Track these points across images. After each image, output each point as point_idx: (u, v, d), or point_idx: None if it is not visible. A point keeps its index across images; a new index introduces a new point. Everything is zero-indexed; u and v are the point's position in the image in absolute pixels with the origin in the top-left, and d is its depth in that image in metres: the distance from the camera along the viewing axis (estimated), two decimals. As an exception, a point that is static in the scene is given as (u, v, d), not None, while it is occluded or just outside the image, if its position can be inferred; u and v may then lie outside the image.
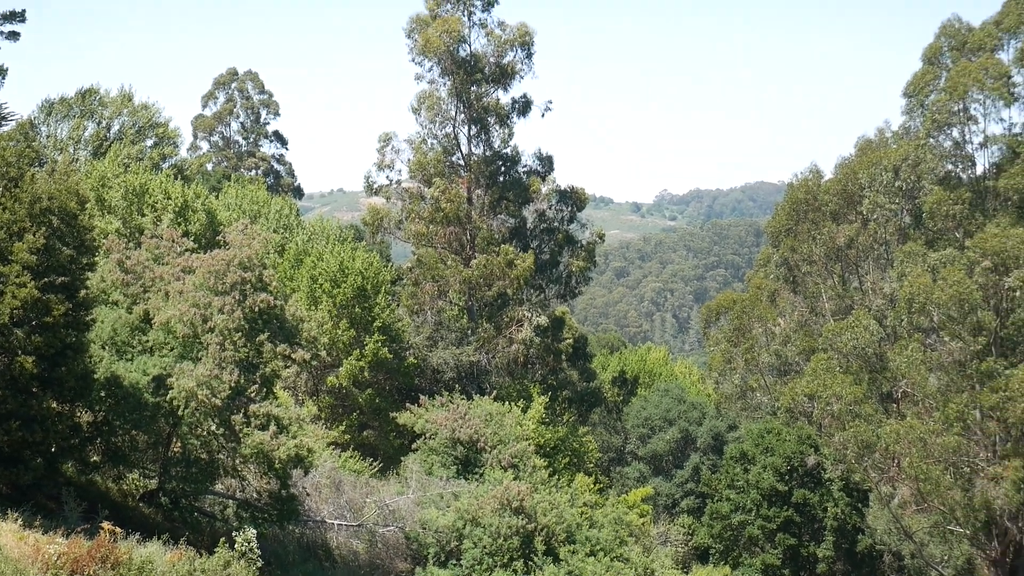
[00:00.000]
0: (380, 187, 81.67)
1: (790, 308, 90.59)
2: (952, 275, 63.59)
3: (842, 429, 67.81)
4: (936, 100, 69.61)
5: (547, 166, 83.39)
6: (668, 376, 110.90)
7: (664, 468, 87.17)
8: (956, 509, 65.81)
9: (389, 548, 52.37)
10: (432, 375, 76.44)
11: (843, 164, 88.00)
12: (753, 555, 70.23)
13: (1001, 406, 62.43)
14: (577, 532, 51.86)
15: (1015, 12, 69.66)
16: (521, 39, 79.94)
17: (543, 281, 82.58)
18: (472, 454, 58.09)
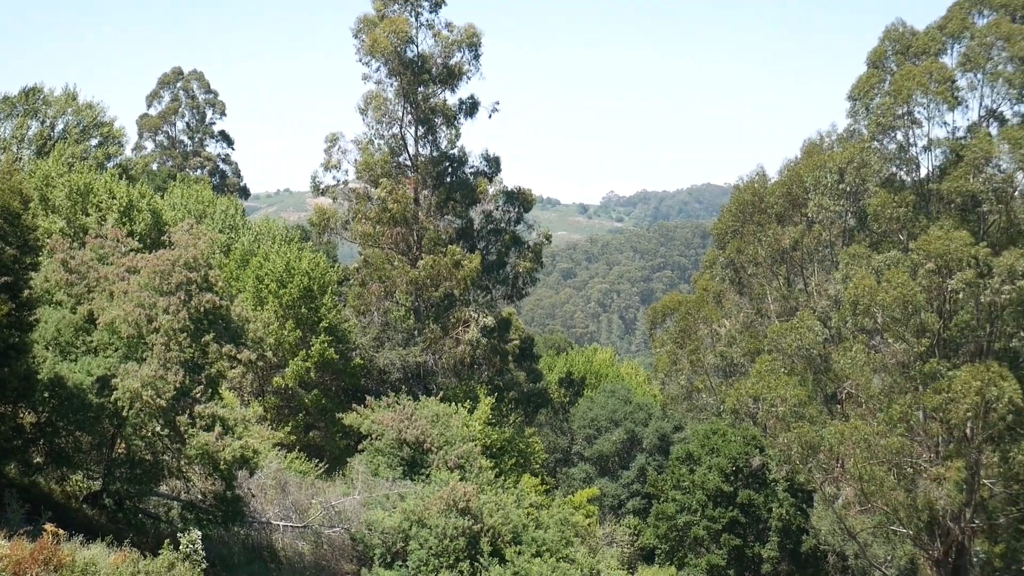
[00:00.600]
0: (327, 187, 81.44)
1: (736, 309, 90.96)
2: (896, 277, 64.02)
3: (787, 430, 68.17)
4: (881, 103, 70.00)
5: (494, 167, 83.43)
6: (614, 377, 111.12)
7: (610, 469, 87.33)
8: (899, 509, 66.31)
9: (335, 549, 52.25)
10: (379, 376, 76.34)
11: (788, 166, 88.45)
12: (698, 555, 70.48)
13: (944, 407, 62.92)
14: (523, 533, 51.89)
15: (959, 17, 70.17)
16: (468, 40, 79.93)
17: (490, 282, 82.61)
18: (418, 455, 58.05)
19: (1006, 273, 63.58)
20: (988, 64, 68.06)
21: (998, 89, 68.53)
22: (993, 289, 63.92)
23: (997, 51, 67.81)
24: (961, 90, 69.03)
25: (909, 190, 70.29)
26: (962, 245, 63.57)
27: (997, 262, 64.10)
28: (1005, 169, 67.39)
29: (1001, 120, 69.74)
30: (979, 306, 65.84)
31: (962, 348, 69.25)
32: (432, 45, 79.94)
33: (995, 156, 66.81)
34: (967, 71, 68.84)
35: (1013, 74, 67.30)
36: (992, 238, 68.04)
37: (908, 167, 71.82)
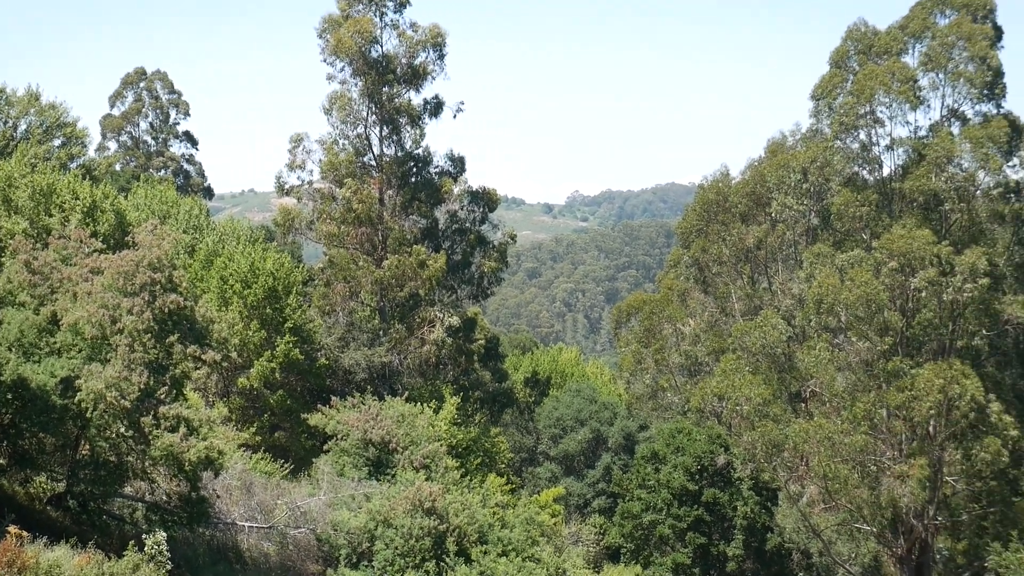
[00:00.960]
0: (291, 188, 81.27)
1: (700, 308, 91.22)
2: (859, 276, 64.38)
3: (751, 429, 68.47)
4: (843, 103, 70.35)
5: (459, 167, 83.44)
6: (580, 376, 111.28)
7: (576, 468, 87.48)
8: (863, 507, 66.66)
9: (300, 550, 52.17)
10: (344, 376, 76.26)
11: (752, 166, 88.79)
12: (664, 554, 70.61)
13: (907, 405, 63.31)
14: (489, 532, 51.93)
15: (920, 17, 70.59)
16: (433, 40, 79.90)
17: (455, 282, 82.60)
18: (384, 455, 58.00)
19: (968, 271, 64.02)
20: (950, 64, 68.52)
21: (959, 89, 69.00)
22: (955, 287, 64.35)
23: (958, 51, 68.28)
24: (923, 90, 69.51)
25: (872, 189, 70.69)
26: (924, 244, 63.97)
27: (959, 260, 64.54)
28: (967, 168, 67.90)
29: (963, 119, 70.20)
30: (941, 304, 66.24)
31: (925, 346, 69.67)
32: (397, 45, 79.92)
33: (957, 155, 67.30)
34: (929, 71, 69.32)
35: (974, 74, 67.75)
36: (954, 237, 68.50)
37: (871, 166, 72.26)
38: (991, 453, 63.55)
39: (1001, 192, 69.75)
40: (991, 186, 69.69)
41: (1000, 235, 72.20)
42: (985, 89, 68.21)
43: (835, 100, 71.84)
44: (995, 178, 69.05)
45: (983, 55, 67.49)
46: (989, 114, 69.17)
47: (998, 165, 67.50)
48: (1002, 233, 72.16)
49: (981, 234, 70.55)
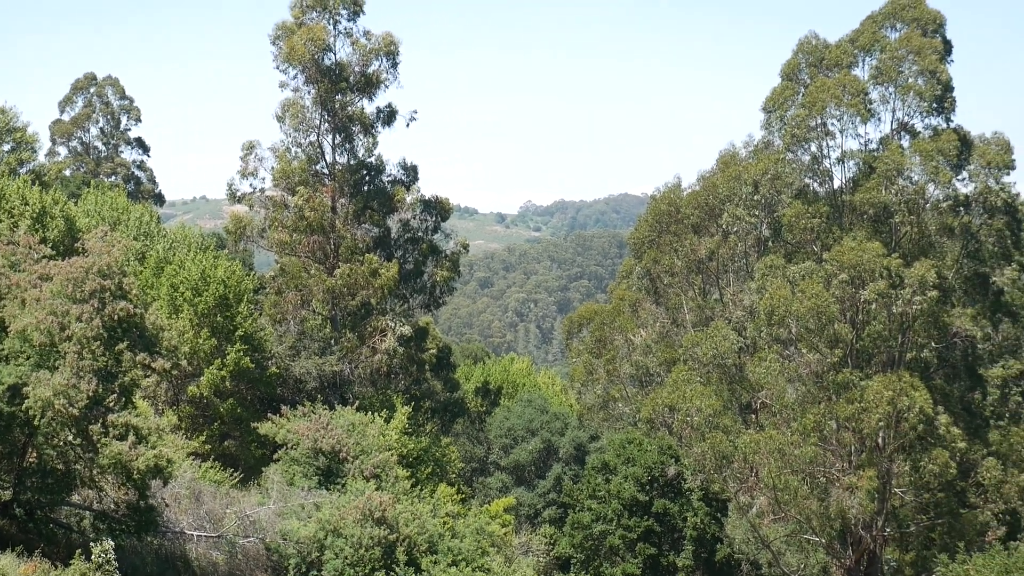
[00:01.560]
0: (243, 195, 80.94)
1: (652, 319, 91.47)
2: (810, 288, 64.69)
3: (702, 440, 68.63)
4: (795, 115, 70.69)
5: (412, 176, 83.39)
6: (531, 386, 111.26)
7: (526, 478, 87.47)
8: (812, 518, 66.94)
9: (249, 559, 51.93)
10: (295, 385, 76.00)
11: (704, 177, 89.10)
12: (614, 564, 70.73)
13: (856, 417, 63.64)
14: (439, 542, 51.87)
15: (871, 30, 71.04)
16: (386, 48, 79.82)
17: (407, 291, 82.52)
18: (334, 464, 57.83)
19: (917, 284, 64.44)
20: (900, 77, 69.00)
21: (909, 102, 69.47)
22: (905, 300, 64.76)
23: (909, 65, 68.75)
24: (874, 103, 69.96)
25: (823, 201, 71.06)
26: (874, 256, 64.36)
27: (909, 273, 64.95)
28: (917, 181, 68.38)
29: (912, 133, 70.70)
30: (891, 317, 66.63)
31: (874, 358, 70.06)
32: (350, 53, 79.80)
33: (907, 168, 67.75)
34: (879, 84, 69.77)
35: (924, 87, 68.25)
36: (904, 249, 68.95)
37: (822, 178, 72.67)
38: (939, 465, 63.96)
39: (950, 205, 70.22)
40: (940, 199, 70.17)
41: (949, 248, 72.70)
42: (935, 103, 68.69)
43: (786, 112, 72.17)
44: (944, 191, 69.52)
45: (933, 69, 67.97)
46: (939, 128, 69.66)
47: (948, 178, 67.95)
48: (951, 246, 72.65)
49: (930, 247, 71.04)
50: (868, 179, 68.83)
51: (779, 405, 68.93)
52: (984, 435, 71.55)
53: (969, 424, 70.90)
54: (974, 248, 72.11)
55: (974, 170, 70.02)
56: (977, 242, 71.94)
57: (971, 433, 69.96)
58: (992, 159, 69.33)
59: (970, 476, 71.24)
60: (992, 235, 71.96)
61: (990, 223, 71.43)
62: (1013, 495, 72.14)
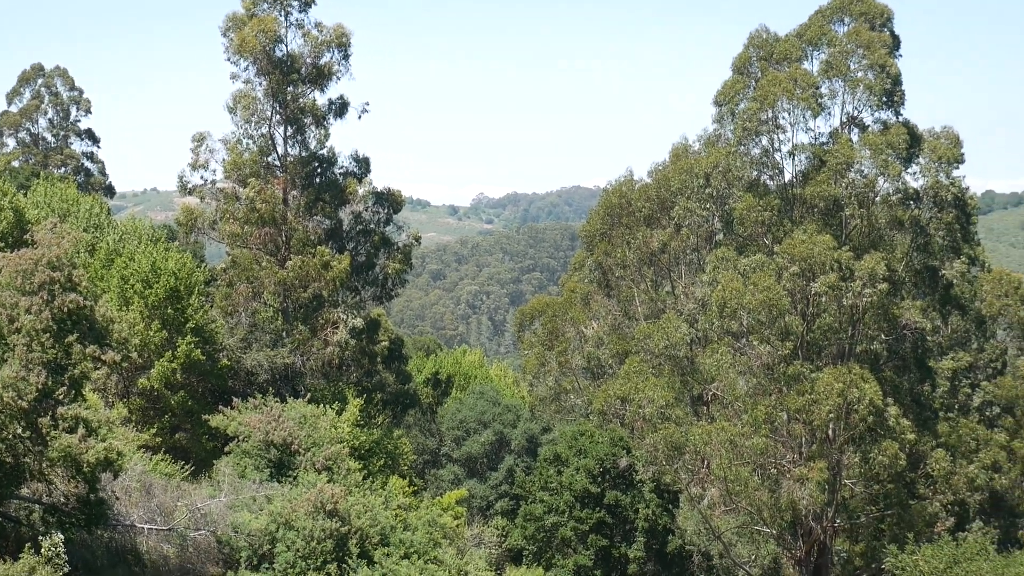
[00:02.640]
0: (194, 187, 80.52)
1: (604, 311, 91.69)
2: (761, 280, 65.01)
3: (653, 431, 68.88)
4: (746, 109, 70.99)
5: (364, 168, 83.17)
6: (483, 378, 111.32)
7: (478, 470, 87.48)
8: (763, 509, 67.35)
9: (200, 552, 51.70)
10: (246, 377, 75.73)
11: (656, 170, 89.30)
12: (566, 556, 70.86)
13: (807, 409, 64.05)
14: (391, 534, 51.80)
15: (818, 24, 71.40)
16: (338, 40, 79.59)
17: (359, 283, 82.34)
18: (286, 457, 57.67)
19: (867, 276, 64.89)
20: (850, 71, 69.40)
21: (859, 96, 69.87)
22: (855, 292, 65.21)
23: (858, 59, 69.15)
24: (824, 96, 70.28)
25: (774, 194, 71.41)
26: (825, 249, 64.76)
27: (859, 266, 65.40)
28: (867, 174, 68.81)
29: (861, 126, 71.15)
30: (841, 309, 67.06)
31: (825, 350, 70.49)
32: (302, 45, 79.49)
33: (856, 162, 68.19)
34: (829, 78, 70.12)
35: (874, 81, 68.65)
36: (854, 242, 69.40)
37: (772, 172, 73.03)
38: (889, 456, 64.46)
39: (900, 198, 70.67)
40: (890, 192, 70.60)
41: (899, 241, 73.15)
42: (884, 96, 69.13)
43: (738, 106, 72.48)
44: (894, 184, 69.98)
45: (882, 63, 68.38)
46: (888, 121, 70.11)
47: (897, 172, 68.41)
48: (901, 239, 73.10)
49: (880, 240, 71.49)
50: (819, 172, 69.21)
51: (730, 397, 69.27)
52: (933, 427, 72.13)
53: (918, 416, 71.46)
54: (924, 241, 72.57)
55: (924, 164, 70.50)
56: (927, 235, 72.39)
57: (920, 425, 70.52)
58: (942, 153, 69.81)
59: (919, 467, 71.81)
60: (942, 228, 72.40)
61: (940, 217, 71.86)
62: (961, 486, 72.78)
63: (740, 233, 72.52)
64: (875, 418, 64.21)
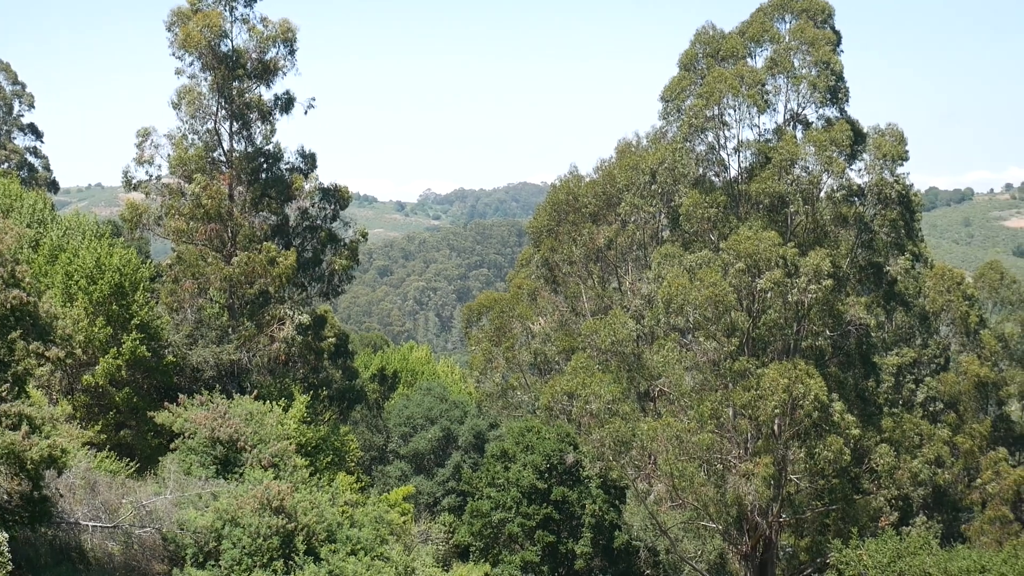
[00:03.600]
0: (139, 182, 79.95)
1: (551, 308, 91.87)
2: (707, 276, 65.26)
3: (600, 427, 68.99)
4: (692, 105, 71.25)
5: (310, 163, 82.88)
6: (430, 375, 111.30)
7: (426, 466, 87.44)
8: (709, 505, 67.63)
9: (146, 549, 51.46)
10: (192, 374, 75.34)
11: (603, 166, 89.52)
12: (513, 552, 70.92)
13: (753, 404, 64.36)
14: (338, 531, 51.68)
15: (760, 21, 71.80)
16: (284, 35, 79.26)
17: (306, 279, 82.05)
18: (232, 453, 57.45)
19: (812, 273, 65.27)
20: (794, 68, 69.82)
21: (803, 93, 70.27)
22: (800, 288, 65.58)
23: (803, 55, 69.56)
24: (769, 93, 70.63)
25: (720, 191, 71.68)
26: (770, 245, 65.08)
27: (804, 262, 65.76)
28: (811, 171, 69.18)
29: (805, 123, 71.57)
30: (787, 305, 67.41)
31: (771, 346, 70.85)
32: (247, 40, 79.06)
33: (801, 158, 68.56)
34: (775, 75, 70.48)
35: (818, 78, 69.06)
36: (799, 238, 69.79)
37: (718, 168, 73.32)
38: (833, 452, 64.88)
39: (844, 195, 71.10)
40: (835, 189, 71.05)
41: (844, 237, 73.60)
42: (829, 93, 69.60)
43: (684, 102, 72.75)
44: (838, 181, 70.44)
45: (827, 60, 68.83)
46: (832, 118, 70.60)
47: (841, 168, 68.89)
48: (846, 235, 73.56)
49: (825, 236, 71.92)
50: (764, 169, 69.57)
51: (677, 393, 69.50)
52: (878, 422, 72.68)
53: (863, 411, 72.00)
54: (868, 238, 73.09)
55: (869, 161, 71.05)
56: (871, 232, 72.91)
57: (865, 420, 71.05)
58: (887, 151, 70.32)
59: (864, 462, 72.36)
60: (886, 225, 72.97)
61: (884, 213, 72.42)
62: (905, 481, 73.45)
63: (686, 229, 72.77)
64: (820, 413, 64.62)
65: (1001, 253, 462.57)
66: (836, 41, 70.40)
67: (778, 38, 70.79)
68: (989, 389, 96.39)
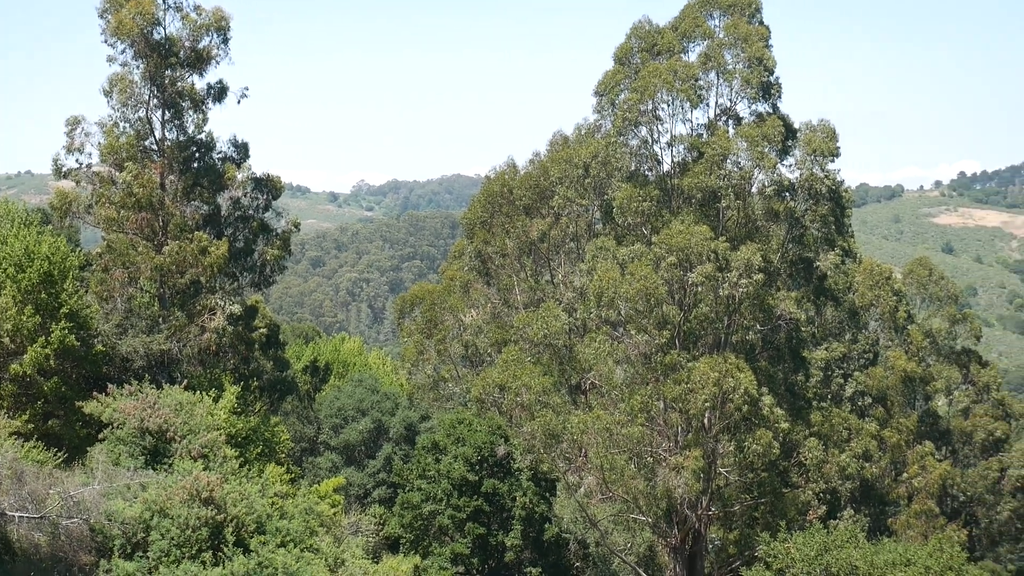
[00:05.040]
0: (69, 171, 79.23)
1: (483, 300, 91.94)
2: (639, 270, 65.50)
3: (531, 419, 69.10)
4: (626, 99, 71.42)
5: (243, 153, 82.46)
6: (362, 366, 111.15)
7: (356, 458, 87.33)
8: (639, 498, 67.92)
9: (73, 540, 51.05)
10: (121, 363, 74.78)
11: (535, 160, 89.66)
12: (443, 544, 70.97)
13: (683, 398, 64.67)
14: (268, 523, 51.56)
15: (691, 16, 72.09)
16: (217, 24, 78.81)
17: (237, 269, 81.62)
18: (161, 444, 57.15)
19: (743, 267, 65.64)
20: (727, 63, 70.20)
21: (736, 88, 70.67)
22: (731, 283, 65.93)
23: (736, 51, 69.94)
24: (702, 88, 70.95)
25: (653, 185, 71.90)
26: (702, 240, 65.39)
27: (735, 256, 66.13)
28: (743, 166, 69.56)
29: (737, 119, 71.96)
30: (718, 299, 67.78)
31: (701, 340, 71.17)
32: (180, 28, 78.53)
33: (733, 153, 68.92)
34: (708, 70, 70.81)
35: (751, 74, 69.46)
36: (731, 233, 70.14)
37: (651, 162, 73.53)
38: (763, 445, 65.33)
39: (776, 190, 71.56)
40: (766, 184, 71.47)
41: (775, 232, 74.05)
42: (761, 89, 70.03)
43: (618, 96, 72.93)
44: (770, 176, 70.86)
45: (759, 56, 69.25)
46: (764, 113, 71.06)
47: (773, 164, 69.33)
48: (777, 230, 74.02)
49: (757, 231, 72.34)
50: (696, 164, 69.86)
51: (608, 386, 69.72)
52: (806, 416, 73.20)
53: (792, 405, 72.48)
54: (799, 233, 73.62)
55: (800, 157, 71.50)
56: (802, 227, 73.46)
57: (794, 414, 71.53)
58: (817, 146, 70.80)
59: (793, 456, 72.88)
60: (817, 220, 73.57)
61: (815, 209, 72.97)
62: (833, 475, 74.04)
63: (619, 223, 72.95)
64: (750, 407, 65.04)
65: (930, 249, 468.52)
66: (768, 37, 70.84)
67: (711, 33, 71.14)
68: (916, 384, 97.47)
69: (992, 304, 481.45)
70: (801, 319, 72.05)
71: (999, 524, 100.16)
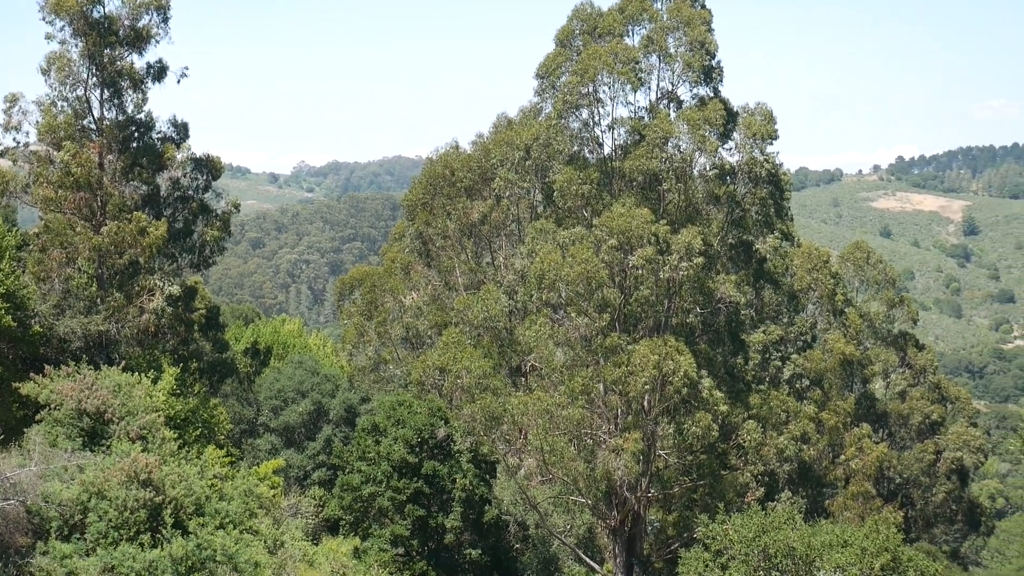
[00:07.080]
0: (6, 149, 78.55)
1: (424, 282, 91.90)
2: (580, 253, 65.65)
3: (471, 402, 69.19)
4: (567, 82, 71.50)
5: (182, 133, 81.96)
6: (302, 348, 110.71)
7: (296, 440, 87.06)
8: (579, 480, 68.18)
9: (9, 523, 50.66)
10: (59, 344, 74.21)
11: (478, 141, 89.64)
12: (383, 526, 70.89)
13: (623, 380, 64.93)
14: (206, 504, 51.31)
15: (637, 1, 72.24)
16: (157, 2, 78.19)
17: (176, 250, 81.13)
18: (99, 426, 56.74)
19: (684, 250, 65.96)
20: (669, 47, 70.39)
21: (677, 71, 70.91)
22: (671, 266, 66.25)
23: (678, 34, 70.16)
24: (644, 71, 71.13)
25: (594, 167, 72.08)
26: (643, 223, 65.62)
27: (675, 239, 66.42)
28: (684, 149, 69.81)
29: (678, 102, 72.20)
30: (658, 282, 68.06)
31: (642, 323, 71.47)
32: (119, 6, 77.85)
33: (674, 136, 69.14)
34: (650, 53, 71.01)
35: (693, 57, 69.71)
36: (672, 216, 70.44)
37: (592, 145, 73.69)
38: (702, 428, 65.73)
39: (717, 174, 71.90)
40: (707, 167, 71.84)
41: (715, 216, 74.41)
42: (703, 73, 70.33)
43: (559, 79, 72.99)
44: (711, 160, 71.21)
45: (702, 39, 69.52)
46: (706, 97, 71.37)
47: (714, 147, 69.62)
48: (717, 214, 74.38)
49: (697, 214, 72.67)
50: (638, 147, 70.05)
51: (548, 368, 69.89)
52: (745, 399, 73.59)
53: (731, 388, 72.89)
54: (739, 216, 74.00)
55: (740, 140, 71.87)
56: (742, 210, 73.85)
57: (733, 397, 71.92)
58: (757, 130, 71.23)
59: (731, 439, 73.27)
60: (756, 204, 74.04)
61: (754, 192, 73.43)
62: (771, 457, 74.49)
63: (560, 206, 73.06)
64: (689, 390, 65.39)
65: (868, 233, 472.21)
66: (710, 20, 71.08)
67: (656, 17, 71.31)
68: (854, 367, 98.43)
69: (929, 288, 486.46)
70: (740, 302, 72.42)
71: (934, 506, 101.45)
